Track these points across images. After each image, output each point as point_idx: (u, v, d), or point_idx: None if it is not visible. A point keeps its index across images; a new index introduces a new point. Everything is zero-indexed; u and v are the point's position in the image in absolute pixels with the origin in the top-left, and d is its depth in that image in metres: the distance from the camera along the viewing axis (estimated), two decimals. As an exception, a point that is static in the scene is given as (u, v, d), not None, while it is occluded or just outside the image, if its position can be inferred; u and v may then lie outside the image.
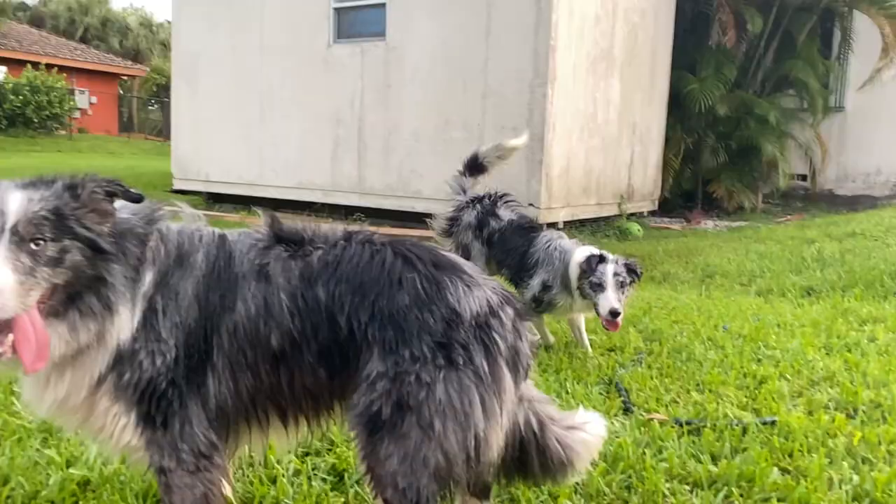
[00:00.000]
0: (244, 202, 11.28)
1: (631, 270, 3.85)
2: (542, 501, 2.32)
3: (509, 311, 1.78)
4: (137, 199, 1.69)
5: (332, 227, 1.93)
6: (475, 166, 4.60)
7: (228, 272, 1.76)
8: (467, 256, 4.41)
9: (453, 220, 4.61)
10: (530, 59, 9.15)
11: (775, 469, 2.56)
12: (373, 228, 1.95)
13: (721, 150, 13.52)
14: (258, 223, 1.91)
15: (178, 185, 13.01)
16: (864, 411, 3.14)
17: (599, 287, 3.73)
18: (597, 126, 10.55)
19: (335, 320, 1.72)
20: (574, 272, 3.89)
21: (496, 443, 1.72)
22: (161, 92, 34.33)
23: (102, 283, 1.57)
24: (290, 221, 1.94)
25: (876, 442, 2.80)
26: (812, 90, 13.58)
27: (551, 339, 4.35)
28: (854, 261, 6.99)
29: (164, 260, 1.72)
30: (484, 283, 1.81)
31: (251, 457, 2.34)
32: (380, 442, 1.67)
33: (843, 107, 15.26)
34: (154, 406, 1.68)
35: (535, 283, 4.08)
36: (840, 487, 2.45)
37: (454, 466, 1.68)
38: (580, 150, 10.17)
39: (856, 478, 2.48)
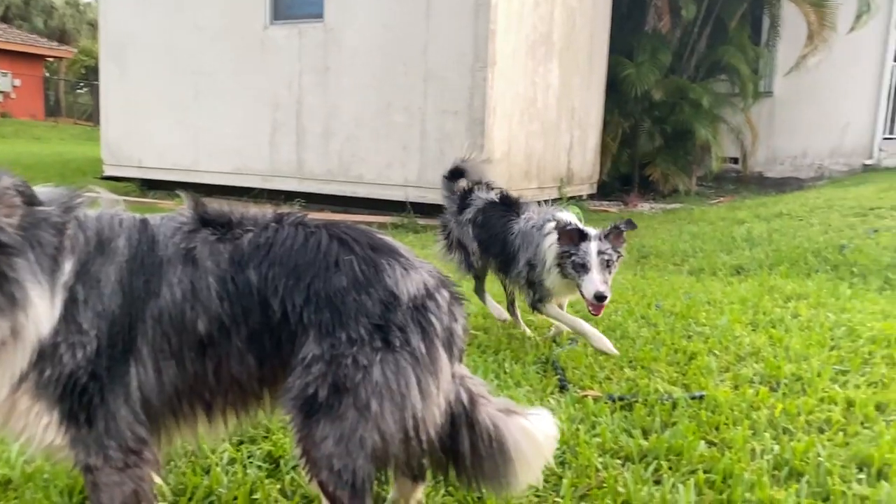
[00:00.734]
0: (180, 189, 10.92)
1: (618, 238, 3.56)
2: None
3: (445, 293, 1.80)
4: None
5: (262, 210, 1.90)
6: (457, 172, 4.60)
7: (152, 257, 1.71)
8: (465, 253, 4.38)
9: (446, 224, 4.58)
10: (471, 42, 9.15)
11: (702, 442, 2.65)
12: (311, 213, 1.91)
13: (657, 135, 13.87)
14: (181, 207, 1.86)
15: (109, 172, 12.54)
16: (785, 384, 3.29)
17: (583, 268, 3.45)
18: (537, 110, 10.65)
19: (268, 304, 1.70)
20: (548, 250, 3.64)
21: (433, 422, 1.73)
22: (90, 74, 32.84)
23: (4, 279, 1.50)
24: (216, 204, 1.89)
25: (796, 413, 2.94)
26: (743, 75, 14.02)
27: (505, 315, 4.32)
28: (780, 240, 7.28)
29: (83, 248, 1.65)
30: (420, 265, 1.82)
31: (183, 447, 2.30)
32: (315, 424, 1.65)
33: (771, 92, 15.82)
34: (77, 402, 1.62)
35: (521, 266, 3.86)
36: (762, 457, 2.57)
37: (390, 447, 1.68)
38: (521, 135, 10.25)
39: (776, 448, 2.60)
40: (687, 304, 4.77)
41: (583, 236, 3.48)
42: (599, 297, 3.40)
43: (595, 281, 3.41)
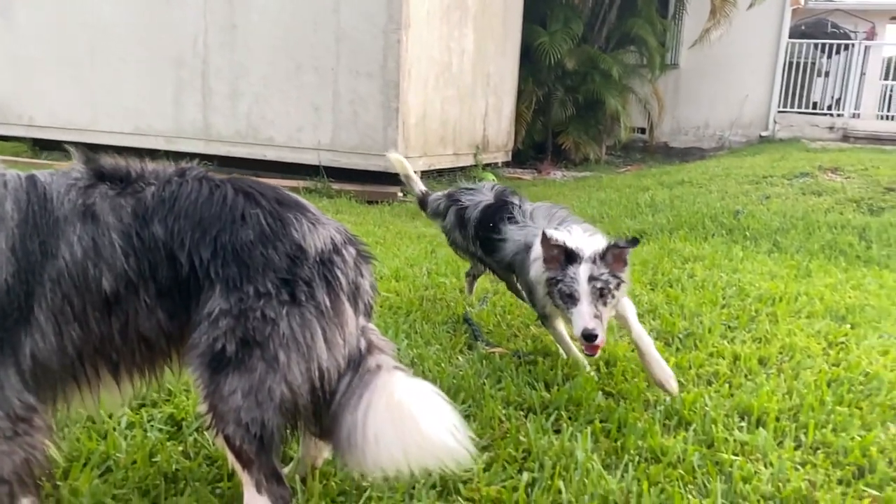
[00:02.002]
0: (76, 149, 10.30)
1: (617, 260, 2.76)
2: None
3: (352, 249, 1.80)
4: None
5: (161, 164, 1.83)
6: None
7: (46, 217, 1.61)
8: (481, 263, 3.80)
9: (446, 233, 3.94)
10: (383, 2, 8.98)
11: (600, 393, 2.79)
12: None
13: (569, 103, 14.14)
14: (72, 163, 1.76)
15: (-5, 130, 11.65)
16: (679, 339, 3.48)
17: (570, 298, 2.72)
18: (452, 76, 10.63)
19: (175, 258, 1.66)
20: (539, 278, 2.94)
21: (337, 372, 1.74)
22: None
23: None
24: (110, 158, 1.80)
25: (687, 367, 3.12)
26: (651, 47, 14.47)
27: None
28: (681, 206, 7.63)
29: None
30: (328, 221, 1.81)
31: (78, 413, 2.21)
32: (223, 378, 1.63)
33: (677, 64, 16.42)
34: None
35: (523, 286, 3.25)
36: (655, 408, 2.72)
37: (299, 398, 1.68)
38: (436, 100, 10.22)
39: (668, 399, 2.76)
40: (592, 266, 4.94)
41: (570, 258, 2.75)
42: (588, 337, 2.65)
43: (583, 315, 2.67)
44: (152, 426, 2.39)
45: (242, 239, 1.66)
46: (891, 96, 17.19)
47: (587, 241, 2.88)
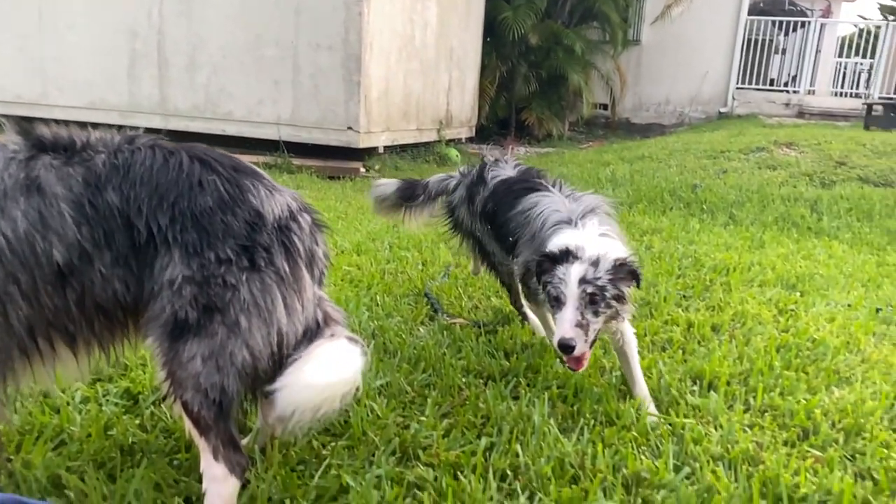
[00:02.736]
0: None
1: (618, 274, 2.37)
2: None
3: (307, 216, 1.80)
4: None
5: (107, 132, 1.78)
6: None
7: None
8: (481, 248, 3.31)
9: (451, 209, 3.42)
10: (344, -26, 8.82)
11: (557, 360, 2.83)
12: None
13: (532, 79, 14.16)
14: (6, 136, 1.71)
15: (-64, 104, 11.18)
16: (635, 308, 3.54)
17: (556, 302, 2.38)
18: (415, 49, 10.53)
19: (132, 224, 1.63)
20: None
21: (295, 337, 1.75)
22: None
23: None
24: (47, 128, 1.75)
25: (643, 334, 3.19)
26: (613, 23, 14.52)
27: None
28: (641, 181, 7.74)
29: None
30: (283, 189, 1.80)
31: (30, 388, 2.17)
32: (183, 345, 1.61)
33: (639, 40, 16.52)
34: None
35: (517, 269, 2.84)
36: (610, 374, 2.79)
37: (259, 363, 1.67)
38: (399, 73, 10.12)
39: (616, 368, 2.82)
40: (553, 239, 4.99)
41: (564, 255, 2.39)
42: (562, 347, 2.29)
43: (563, 322, 2.31)
44: (108, 400, 2.36)
45: (201, 205, 1.64)
46: (844, 73, 17.58)
47: (593, 239, 2.46)
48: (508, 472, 2.04)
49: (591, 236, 2.49)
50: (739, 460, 2.14)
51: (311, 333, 1.83)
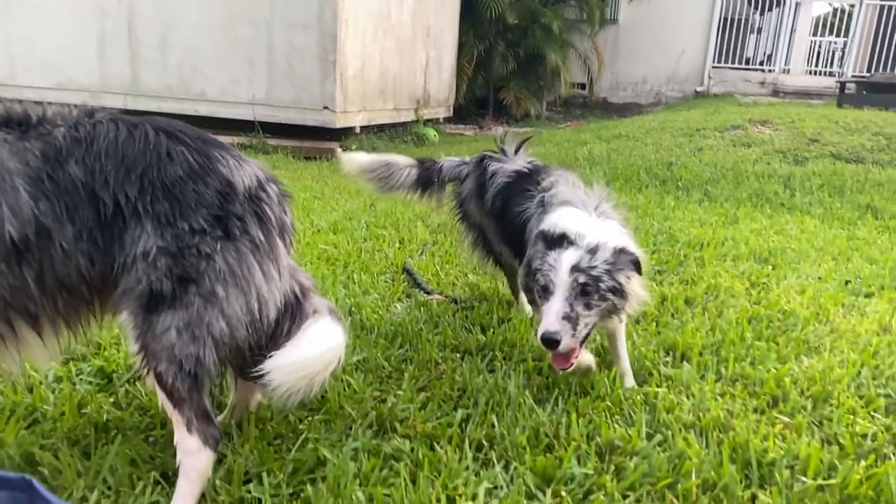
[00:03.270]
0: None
1: (618, 264, 2.15)
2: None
3: (274, 186, 1.80)
4: None
5: (63, 106, 1.74)
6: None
7: None
8: (487, 247, 3.15)
9: (460, 201, 3.24)
10: (319, -49, 8.68)
11: (533, 332, 2.85)
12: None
13: (510, 58, 14.11)
14: None
15: None
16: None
17: (544, 291, 2.18)
18: (391, 26, 10.42)
19: (97, 197, 1.60)
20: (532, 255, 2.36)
21: (274, 304, 1.75)
22: None
23: None
24: (2, 104, 1.71)
25: (618, 306, 3.22)
26: (591, 2, 14.50)
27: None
28: (618, 159, 7.77)
29: None
30: (249, 160, 1.80)
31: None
32: (158, 317, 1.60)
33: (616, 19, 16.52)
34: None
35: (523, 268, 2.57)
36: (585, 347, 2.81)
37: (237, 332, 1.67)
38: (375, 51, 10.02)
39: (598, 337, 2.85)
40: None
41: (558, 240, 2.19)
42: (546, 341, 2.10)
43: (549, 313, 2.10)
44: (81, 379, 2.34)
45: (171, 175, 1.62)
46: (819, 52, 17.72)
47: (597, 225, 2.26)
48: (484, 442, 2.06)
49: (595, 221, 2.28)
50: (710, 427, 2.18)
51: (293, 309, 1.83)
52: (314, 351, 1.74)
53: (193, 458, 1.67)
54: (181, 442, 1.67)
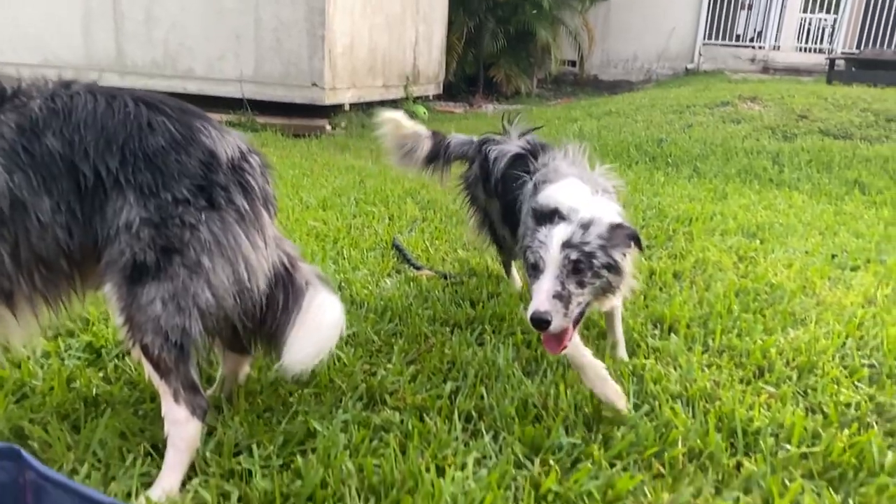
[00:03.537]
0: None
1: (612, 240, 2.02)
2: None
3: (256, 157, 1.79)
4: None
5: (38, 78, 1.71)
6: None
7: None
8: (493, 232, 3.11)
9: (467, 185, 3.21)
10: (306, -76, 8.54)
11: (521, 307, 2.87)
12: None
13: (500, 35, 13.99)
14: None
15: None
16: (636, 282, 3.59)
17: (534, 269, 2.05)
18: (380, 2, 10.29)
19: (76, 168, 1.57)
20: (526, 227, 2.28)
21: (263, 272, 1.75)
22: None
23: None
24: None
25: (607, 280, 3.23)
26: (581, -23, 14.37)
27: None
28: (608, 136, 7.76)
29: None
30: (231, 131, 1.78)
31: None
32: (141, 289, 1.59)
33: (607, -5, 16.37)
34: None
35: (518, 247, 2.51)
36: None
37: (224, 302, 1.66)
38: (364, 27, 9.90)
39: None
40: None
41: (550, 215, 2.09)
42: (536, 322, 1.95)
43: (539, 292, 1.97)
44: (70, 354, 2.34)
45: (153, 146, 1.60)
46: (809, 29, 17.68)
47: (591, 200, 2.16)
48: (473, 413, 2.08)
49: (589, 196, 2.18)
50: (697, 397, 2.21)
51: (284, 280, 1.83)
52: (327, 333, 1.80)
53: (181, 428, 1.68)
54: (169, 413, 1.67)
